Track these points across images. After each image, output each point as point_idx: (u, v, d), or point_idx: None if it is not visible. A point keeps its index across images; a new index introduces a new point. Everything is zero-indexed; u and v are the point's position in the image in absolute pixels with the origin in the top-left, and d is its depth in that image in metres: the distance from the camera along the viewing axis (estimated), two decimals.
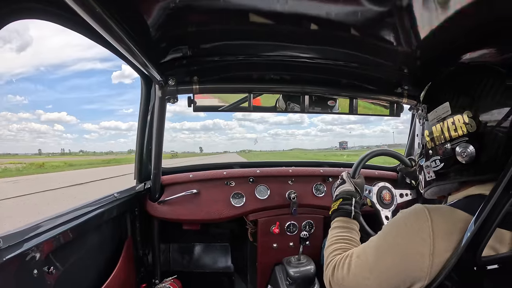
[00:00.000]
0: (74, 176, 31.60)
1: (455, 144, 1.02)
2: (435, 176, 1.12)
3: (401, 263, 0.95)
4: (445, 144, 1.05)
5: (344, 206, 1.45)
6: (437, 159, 1.09)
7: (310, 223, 2.51)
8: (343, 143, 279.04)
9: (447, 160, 1.05)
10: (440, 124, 1.06)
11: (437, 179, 1.11)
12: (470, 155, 0.98)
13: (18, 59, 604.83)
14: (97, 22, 0.95)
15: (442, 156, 1.07)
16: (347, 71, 1.78)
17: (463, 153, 0.98)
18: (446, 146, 1.05)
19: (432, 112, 1.10)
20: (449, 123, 1.03)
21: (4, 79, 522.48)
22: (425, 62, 1.57)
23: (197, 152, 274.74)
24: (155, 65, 1.51)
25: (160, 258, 2.56)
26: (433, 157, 1.11)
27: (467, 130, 0.98)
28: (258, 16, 1.26)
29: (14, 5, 0.94)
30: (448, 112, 1.03)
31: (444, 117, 1.05)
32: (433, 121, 1.10)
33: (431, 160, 1.12)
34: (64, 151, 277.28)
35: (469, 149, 0.98)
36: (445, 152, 1.05)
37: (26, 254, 1.10)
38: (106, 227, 1.83)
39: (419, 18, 1.17)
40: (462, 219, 0.92)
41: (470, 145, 0.98)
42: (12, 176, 37.34)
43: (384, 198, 1.90)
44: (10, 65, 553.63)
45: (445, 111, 1.05)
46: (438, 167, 1.09)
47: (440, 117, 1.06)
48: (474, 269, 0.88)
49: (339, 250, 1.24)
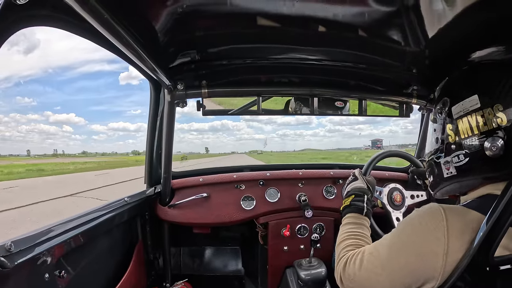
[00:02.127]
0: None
1: (483, 138, 0.98)
2: (456, 172, 1.08)
3: (414, 261, 0.94)
4: (471, 137, 1.01)
5: (356, 202, 1.44)
6: (461, 153, 1.04)
7: (321, 226, 2.49)
8: (377, 141, 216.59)
9: (473, 155, 1.01)
10: (467, 117, 1.02)
11: (459, 175, 1.07)
12: (499, 149, 0.95)
13: (26, 62, 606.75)
14: (105, 28, 0.96)
15: (468, 151, 1.03)
16: (355, 73, 1.78)
17: (493, 147, 0.95)
18: (473, 140, 1.01)
19: (457, 105, 1.06)
20: (477, 117, 0.99)
21: (12, 81, 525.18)
22: (434, 61, 1.56)
23: (203, 153, 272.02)
24: (163, 70, 1.52)
25: (170, 262, 2.57)
26: (456, 152, 1.06)
27: (498, 123, 0.96)
28: (266, 19, 1.26)
29: (23, 12, 0.95)
30: (477, 105, 1.00)
31: (472, 111, 1.01)
32: (458, 114, 1.05)
33: (453, 155, 1.07)
34: (56, 152, 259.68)
35: (499, 143, 0.95)
36: (472, 146, 1.01)
37: (37, 258, 1.11)
38: (117, 231, 1.84)
39: (427, 17, 1.16)
40: (475, 219, 0.91)
41: (500, 138, 0.95)
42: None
43: (394, 199, 1.89)
44: (18, 67, 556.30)
45: (473, 104, 1.01)
46: (462, 162, 1.05)
47: (468, 110, 1.02)
48: (487, 269, 0.87)
49: (351, 246, 1.22)
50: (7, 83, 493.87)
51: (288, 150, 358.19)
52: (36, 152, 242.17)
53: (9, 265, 0.95)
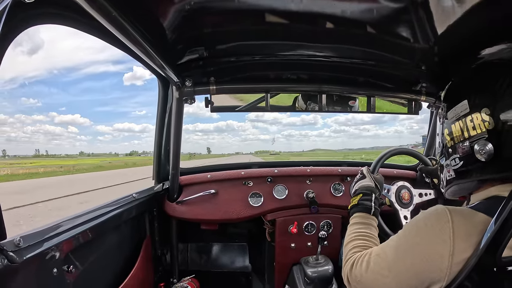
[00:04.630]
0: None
1: (473, 142, 1.00)
2: (455, 174, 1.10)
3: (420, 263, 0.94)
4: (464, 142, 1.04)
5: (364, 201, 1.43)
6: (457, 157, 1.07)
7: (328, 223, 2.49)
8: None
9: (466, 158, 1.04)
10: (459, 122, 1.05)
11: (457, 178, 1.10)
12: (488, 153, 0.96)
13: (31, 63, 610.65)
14: (114, 26, 0.97)
15: (461, 155, 1.05)
16: (364, 69, 1.77)
17: (482, 151, 0.97)
18: (465, 144, 1.03)
19: (451, 111, 1.09)
20: (467, 121, 1.02)
21: (18, 83, 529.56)
22: (443, 58, 1.55)
23: (204, 153, 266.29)
24: (172, 67, 1.53)
25: (178, 258, 2.59)
26: (452, 155, 1.09)
27: (486, 127, 0.97)
28: (273, 15, 1.26)
29: (31, 11, 0.96)
30: (467, 110, 1.02)
31: (463, 115, 1.03)
32: (452, 119, 1.08)
33: (451, 158, 1.10)
34: (39, 152, 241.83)
35: (488, 147, 0.96)
36: (464, 150, 1.03)
37: (46, 253, 1.12)
38: (125, 227, 1.86)
39: (436, 13, 1.15)
40: (482, 221, 0.90)
41: (488, 142, 0.96)
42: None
43: (403, 197, 1.88)
44: (23, 68, 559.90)
45: (463, 109, 1.03)
46: (458, 165, 1.07)
47: (459, 115, 1.05)
48: (494, 270, 0.86)
49: (358, 247, 1.23)
50: (12, 84, 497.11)
51: (296, 151, 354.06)
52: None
53: (18, 260, 0.96)
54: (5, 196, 21.91)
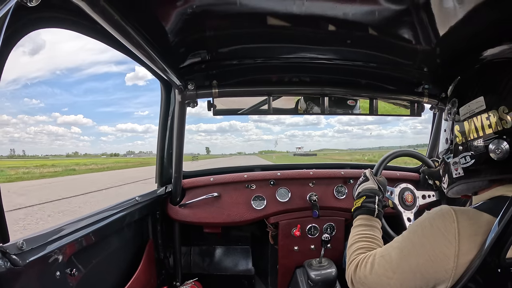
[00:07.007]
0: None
1: (488, 141, 0.98)
2: (463, 173, 1.07)
3: (425, 264, 0.94)
4: (477, 140, 1.01)
5: (368, 204, 1.43)
6: (468, 155, 1.04)
7: (332, 226, 2.48)
8: None
9: (478, 157, 1.01)
10: (473, 119, 1.02)
11: (466, 176, 1.07)
12: (504, 152, 0.94)
13: (33, 64, 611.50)
14: (116, 29, 0.97)
15: (473, 152, 1.03)
16: (366, 72, 1.77)
17: (497, 150, 0.95)
18: (479, 142, 1.01)
19: (464, 107, 1.06)
20: (483, 118, 0.99)
21: (20, 83, 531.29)
22: (445, 60, 1.55)
23: (203, 154, 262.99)
24: (174, 70, 1.54)
25: (181, 261, 2.58)
26: (463, 153, 1.06)
27: (502, 126, 0.95)
28: (275, 19, 1.27)
29: (34, 14, 0.97)
30: (482, 107, 0.99)
31: (478, 112, 1.01)
32: (465, 115, 1.05)
33: (461, 156, 1.07)
34: (14, 152, 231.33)
35: (504, 146, 0.94)
36: (477, 148, 1.01)
37: (49, 257, 1.13)
38: (128, 230, 1.86)
39: (437, 15, 1.15)
40: (486, 222, 0.90)
41: (504, 141, 0.94)
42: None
43: (406, 199, 1.87)
44: (26, 69, 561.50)
45: (478, 106, 1.01)
46: (468, 163, 1.04)
47: (473, 112, 1.02)
48: (498, 270, 0.86)
49: (362, 249, 1.22)
50: (15, 85, 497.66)
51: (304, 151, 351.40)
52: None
53: (21, 263, 0.97)
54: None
